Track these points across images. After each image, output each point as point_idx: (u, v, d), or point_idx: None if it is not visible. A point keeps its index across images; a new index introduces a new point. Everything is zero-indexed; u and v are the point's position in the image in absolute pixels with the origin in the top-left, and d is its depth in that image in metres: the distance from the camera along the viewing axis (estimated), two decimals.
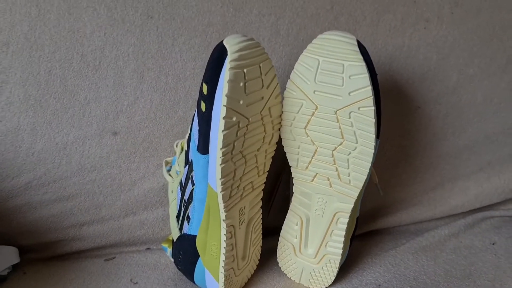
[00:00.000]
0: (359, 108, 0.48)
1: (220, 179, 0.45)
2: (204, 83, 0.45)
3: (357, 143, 0.49)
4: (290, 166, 0.54)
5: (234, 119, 0.44)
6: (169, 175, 0.55)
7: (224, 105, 0.43)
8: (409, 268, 0.62)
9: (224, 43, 0.44)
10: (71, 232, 0.61)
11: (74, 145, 0.57)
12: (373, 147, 0.48)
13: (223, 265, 0.51)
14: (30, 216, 0.58)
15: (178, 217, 0.54)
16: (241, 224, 0.52)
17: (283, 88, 0.51)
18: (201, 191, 0.49)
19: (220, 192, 0.46)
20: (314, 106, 0.49)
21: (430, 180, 0.68)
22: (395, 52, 0.62)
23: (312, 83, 0.49)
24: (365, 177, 0.50)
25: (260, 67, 0.46)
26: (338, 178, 0.51)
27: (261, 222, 0.56)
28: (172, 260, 0.58)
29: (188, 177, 0.50)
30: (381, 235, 0.69)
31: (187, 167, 0.51)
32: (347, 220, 0.53)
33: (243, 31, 0.58)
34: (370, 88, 0.47)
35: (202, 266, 0.53)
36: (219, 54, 0.44)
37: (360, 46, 0.48)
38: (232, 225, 0.50)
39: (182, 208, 0.53)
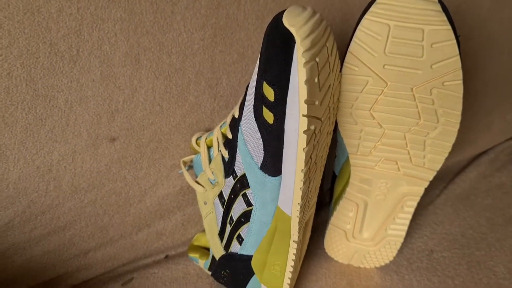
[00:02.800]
0: (443, 83, 0.38)
1: (298, 203, 0.35)
2: (267, 85, 0.32)
3: (438, 122, 0.40)
4: (348, 154, 0.45)
5: (313, 127, 0.33)
6: (198, 182, 0.44)
7: (304, 115, 0.32)
8: (453, 224, 0.58)
9: (288, 26, 0.31)
10: (75, 263, 0.48)
11: (61, 164, 0.43)
12: (457, 126, 0.40)
13: (289, 282, 0.43)
14: (19, 259, 0.45)
15: (221, 235, 0.44)
16: (302, 233, 0.43)
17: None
18: (266, 214, 0.39)
19: (297, 216, 0.36)
20: (384, 84, 0.39)
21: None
22: None
23: (381, 56, 0.38)
24: (444, 158, 0.43)
25: (327, 47, 0.35)
26: (409, 161, 0.43)
27: (312, 220, 0.48)
28: (209, 272, 0.48)
29: (238, 193, 0.40)
30: None
31: (231, 179, 0.40)
32: (415, 203, 0.46)
33: None
34: (458, 58, 0.37)
35: (257, 282, 0.45)
36: (284, 42, 0.31)
37: (440, 2, 0.37)
38: (300, 240, 0.41)
39: (228, 226, 0.42)
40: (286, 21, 0.31)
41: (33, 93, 0.40)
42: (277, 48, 0.32)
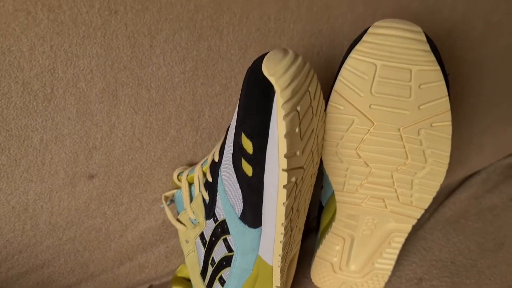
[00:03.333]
0: (431, 125, 0.37)
1: (279, 254, 0.34)
2: (246, 137, 0.31)
3: (425, 162, 0.39)
4: (334, 190, 0.43)
5: (294, 179, 0.32)
6: (179, 221, 0.43)
7: (284, 170, 0.30)
8: (443, 250, 0.57)
9: (268, 75, 0.30)
10: None
11: (38, 203, 0.41)
12: (446, 166, 0.39)
13: None
14: None
15: (203, 274, 0.42)
16: (285, 276, 0.42)
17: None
18: (247, 262, 0.37)
19: (278, 266, 0.35)
20: (370, 123, 0.38)
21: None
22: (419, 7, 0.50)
23: (367, 95, 0.37)
24: (432, 197, 0.41)
25: (309, 92, 0.33)
26: (397, 199, 0.42)
27: (298, 255, 0.46)
28: None
29: (219, 237, 0.38)
30: None
31: (212, 222, 0.38)
32: (403, 239, 0.45)
33: (242, 12, 0.42)
34: (447, 99, 0.36)
35: None
36: (263, 92, 0.30)
37: (429, 40, 0.36)
38: (283, 282, 0.40)
39: (210, 267, 0.41)
40: (266, 70, 0.30)
41: (6, 133, 0.38)
42: (256, 98, 0.30)
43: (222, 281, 0.41)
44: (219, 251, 0.39)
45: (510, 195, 0.65)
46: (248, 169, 0.32)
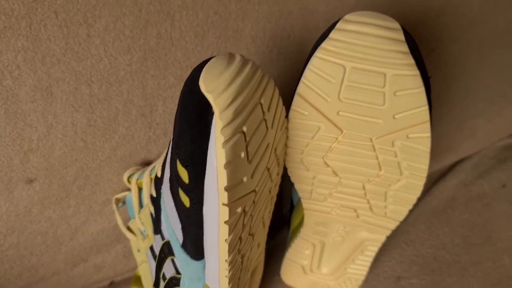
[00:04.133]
0: (407, 136, 0.32)
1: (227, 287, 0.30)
2: (180, 164, 0.26)
3: (401, 175, 0.34)
4: (300, 197, 0.39)
5: (240, 209, 0.28)
6: (129, 229, 0.39)
7: (224, 204, 0.26)
8: (425, 244, 0.54)
9: (205, 91, 0.24)
10: None
11: None
12: (423, 180, 0.35)
13: None
14: None
15: (156, 286, 0.39)
16: (247, 284, 0.39)
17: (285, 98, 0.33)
18: (195, 287, 0.34)
19: None
20: (338, 132, 0.33)
21: (437, 129, 0.56)
22: None
23: (334, 101, 0.32)
24: (408, 209, 0.37)
25: (261, 104, 0.28)
26: (369, 210, 0.38)
27: (263, 261, 0.43)
28: None
29: (167, 256, 0.34)
30: None
31: (159, 238, 0.34)
32: (377, 248, 0.41)
33: None
34: (426, 108, 0.31)
35: None
36: (199, 113, 0.25)
37: (408, 39, 0.30)
38: None
39: (162, 282, 0.38)
40: (203, 85, 0.25)
41: None
42: (190, 120, 0.25)
43: None
44: (168, 269, 0.35)
45: (502, 181, 0.60)
46: (185, 199, 0.27)
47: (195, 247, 0.29)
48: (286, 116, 0.33)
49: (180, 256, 0.31)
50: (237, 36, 0.39)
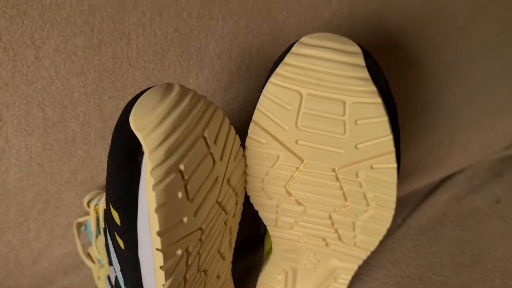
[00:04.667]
0: (371, 167, 0.30)
1: None
2: (111, 207, 0.24)
3: (368, 206, 0.32)
4: (266, 224, 0.37)
5: (179, 252, 0.26)
6: (89, 257, 0.37)
7: (158, 249, 0.24)
8: (412, 264, 0.51)
9: (135, 129, 0.23)
10: None
11: None
12: (392, 211, 0.32)
13: None
14: None
15: None
16: None
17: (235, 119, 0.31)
18: None
19: None
20: (299, 161, 0.31)
21: (427, 141, 0.53)
22: None
23: (292, 129, 0.29)
24: (379, 240, 0.35)
25: (205, 138, 0.26)
26: (339, 240, 0.36)
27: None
28: None
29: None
30: None
31: (113, 270, 0.33)
32: (350, 277, 0.39)
33: (153, 10, 0.34)
34: (390, 138, 0.28)
35: None
36: (129, 153, 0.23)
37: (370, 63, 0.28)
38: None
39: None
40: (133, 122, 0.23)
41: None
42: (120, 161, 0.23)
43: None
44: None
45: (496, 196, 0.57)
46: (120, 241, 0.25)
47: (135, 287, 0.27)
48: (243, 145, 0.31)
49: None
50: (200, 54, 0.37)
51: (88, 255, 0.37)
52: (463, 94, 0.51)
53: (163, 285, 0.25)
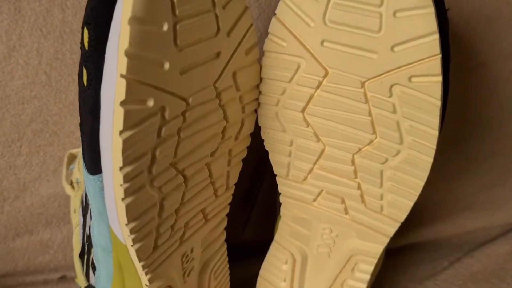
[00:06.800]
0: (410, 79, 0.24)
1: (126, 224, 0.22)
2: (84, 25, 0.21)
3: (401, 143, 0.26)
4: (276, 175, 0.31)
5: (151, 103, 0.20)
6: (70, 184, 0.32)
7: (122, 75, 0.19)
8: None
9: None
10: None
11: None
12: (432, 152, 0.25)
13: None
14: None
15: (82, 257, 0.31)
16: (187, 276, 0.30)
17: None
18: (101, 235, 0.26)
19: (131, 245, 0.23)
20: (322, 71, 0.26)
21: (487, 173, 0.45)
22: None
23: (319, 26, 0.25)
24: (412, 202, 0.27)
25: None
26: (360, 201, 0.28)
27: (226, 261, 0.34)
28: None
29: (87, 200, 0.28)
30: (412, 252, 0.47)
31: (84, 193, 0.28)
32: (371, 268, 0.31)
33: None
34: (436, 37, 0.23)
35: None
36: None
37: None
38: (169, 286, 0.28)
39: (86, 246, 0.30)
40: None
41: None
42: None
43: (94, 268, 0.29)
44: (88, 221, 0.28)
45: None
46: (84, 75, 0.21)
47: (90, 150, 0.22)
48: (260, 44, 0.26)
49: (85, 179, 0.24)
50: None
51: (70, 185, 0.33)
52: None
53: (120, 131, 0.20)
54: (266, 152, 0.30)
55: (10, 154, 0.36)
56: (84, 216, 0.29)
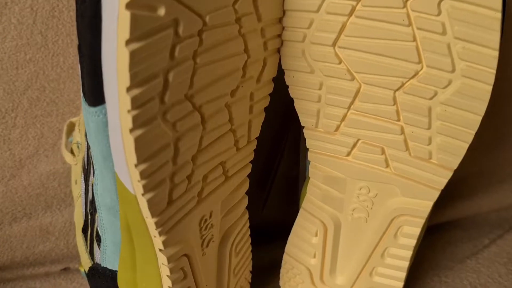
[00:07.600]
0: None
1: (135, 164, 0.18)
2: None
3: (453, 71, 0.22)
4: (303, 127, 0.27)
5: (162, 12, 0.17)
6: (71, 152, 0.29)
7: None
8: None
9: None
10: None
11: None
12: (492, 78, 0.22)
13: None
14: None
15: (85, 231, 0.28)
16: (206, 247, 0.26)
17: None
18: (106, 191, 0.22)
19: (142, 194, 0.19)
20: None
21: None
22: None
23: None
24: (467, 144, 0.24)
25: None
26: (404, 148, 0.25)
27: (248, 235, 0.30)
28: None
29: (89, 155, 0.24)
30: (451, 230, 0.43)
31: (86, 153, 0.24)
32: (417, 231, 0.27)
33: None
34: None
35: None
36: None
37: None
38: (185, 255, 0.24)
39: (89, 215, 0.26)
40: None
41: None
42: None
43: (99, 240, 0.26)
44: (91, 182, 0.24)
45: None
46: None
47: (90, 74, 0.18)
48: None
49: (84, 115, 0.20)
50: None
51: (70, 152, 0.29)
52: None
53: (126, 40, 0.16)
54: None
55: (3, 126, 0.32)
56: (86, 177, 0.25)
